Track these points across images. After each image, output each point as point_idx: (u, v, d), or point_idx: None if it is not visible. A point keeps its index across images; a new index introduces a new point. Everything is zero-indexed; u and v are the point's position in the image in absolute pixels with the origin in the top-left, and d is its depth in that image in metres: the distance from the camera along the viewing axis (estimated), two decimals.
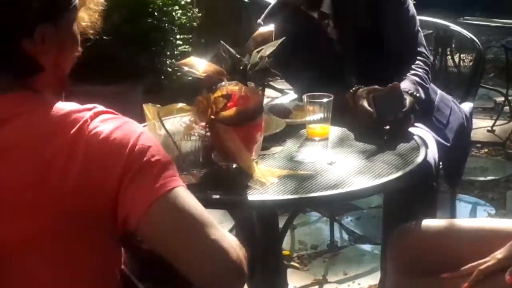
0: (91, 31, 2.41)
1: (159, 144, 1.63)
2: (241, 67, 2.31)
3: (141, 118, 4.90)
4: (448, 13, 6.25)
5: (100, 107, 1.62)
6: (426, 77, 2.97)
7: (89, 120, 1.54)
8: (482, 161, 5.16)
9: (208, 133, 2.31)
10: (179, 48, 4.88)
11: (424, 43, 3.11)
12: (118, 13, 4.61)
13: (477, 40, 3.64)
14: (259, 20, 3.12)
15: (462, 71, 6.28)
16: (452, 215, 3.63)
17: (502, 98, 6.00)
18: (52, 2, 1.60)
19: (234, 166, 2.30)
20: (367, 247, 3.98)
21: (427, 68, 3.01)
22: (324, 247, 3.94)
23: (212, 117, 2.26)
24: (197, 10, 5.11)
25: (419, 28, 3.11)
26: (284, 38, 2.39)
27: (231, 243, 1.51)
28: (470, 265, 2.26)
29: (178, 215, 1.51)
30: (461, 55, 6.45)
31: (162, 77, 4.69)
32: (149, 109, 2.35)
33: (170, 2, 4.87)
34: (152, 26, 4.72)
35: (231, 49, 2.31)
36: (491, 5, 7.91)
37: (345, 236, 4.12)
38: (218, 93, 2.29)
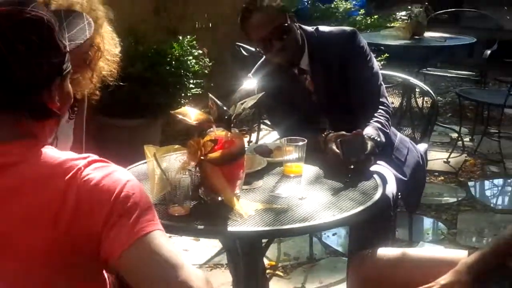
0: (110, 79, 2.32)
1: (143, 190, 1.50)
2: (226, 117, 2.19)
3: (160, 144, 4.81)
4: (415, 64, 6.16)
5: (94, 156, 1.50)
6: (387, 123, 2.84)
7: (82, 168, 1.43)
8: (438, 187, 5.00)
9: (198, 171, 2.19)
10: (192, 90, 4.80)
11: (386, 94, 2.99)
12: (142, 62, 4.54)
13: (432, 92, 3.50)
14: (250, 74, 3.00)
15: (424, 112, 6.23)
16: (410, 234, 3.50)
17: (456, 135, 5.83)
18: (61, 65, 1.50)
19: (219, 199, 2.17)
20: (340, 259, 3.79)
21: (387, 116, 2.88)
22: (304, 258, 3.78)
23: (202, 158, 2.16)
24: (208, 60, 5.01)
25: (382, 82, 2.99)
26: (263, 92, 2.30)
27: (199, 284, 1.36)
28: None
29: (151, 257, 1.38)
30: (425, 98, 6.34)
31: None
32: (149, 150, 2.21)
33: (185, 53, 4.79)
34: (170, 73, 4.66)
35: (218, 101, 2.20)
36: (449, 57, 7.82)
37: (323, 249, 3.94)
38: (207, 138, 2.19)
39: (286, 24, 2.82)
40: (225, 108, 2.20)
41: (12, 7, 1.44)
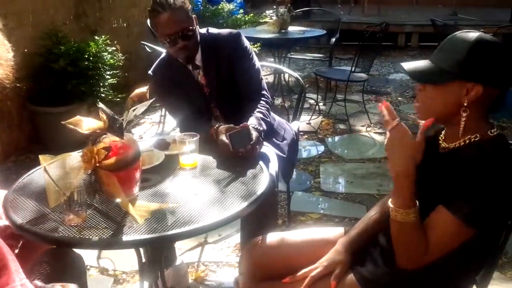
0: (7, 81, 1.71)
1: None
2: (118, 125, 1.53)
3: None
4: (283, 50, 5.62)
5: None
6: (267, 112, 2.27)
7: None
8: (304, 144, 4.52)
9: (94, 179, 1.54)
10: (109, 80, 4.03)
11: (266, 87, 2.39)
12: (64, 58, 3.73)
13: (301, 80, 2.91)
14: (150, 71, 2.33)
15: (289, 86, 5.76)
16: (288, 187, 3.01)
17: (314, 102, 5.36)
18: None
19: (117, 201, 1.53)
20: None
21: (267, 106, 2.31)
22: None
23: (97, 165, 1.50)
24: (121, 54, 4.24)
25: (263, 77, 2.39)
26: (154, 98, 1.65)
27: None
28: (303, 271, 1.59)
29: None
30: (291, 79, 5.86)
31: (98, 100, 3.82)
32: (44, 159, 1.53)
33: (101, 50, 4.00)
34: (89, 67, 3.85)
35: (108, 110, 1.53)
36: (305, 45, 7.40)
37: None
38: (100, 145, 1.52)
39: (192, 27, 2.17)
40: (115, 116, 1.54)
41: None
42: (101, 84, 3.91)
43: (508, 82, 1.38)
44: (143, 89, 1.67)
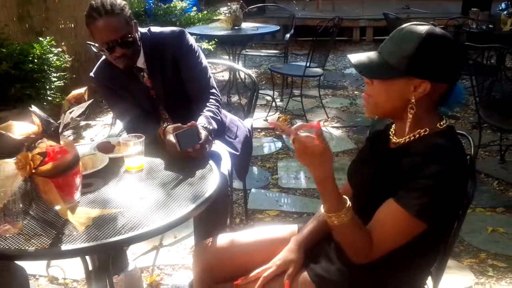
0: None
1: None
2: (53, 129, 1.45)
3: None
4: (237, 47, 5.52)
5: None
6: (217, 110, 2.21)
7: None
8: (261, 141, 4.50)
9: (30, 186, 1.46)
10: (55, 83, 3.88)
11: (215, 85, 2.32)
12: (6, 61, 3.57)
13: (254, 77, 2.85)
14: (91, 73, 2.24)
15: (245, 83, 5.72)
16: (244, 185, 2.90)
17: (270, 98, 5.35)
18: None
19: (56, 208, 1.45)
20: None
21: (217, 104, 2.24)
22: None
23: (33, 171, 1.41)
24: (67, 56, 4.09)
25: (211, 75, 2.32)
26: (92, 100, 1.56)
27: None
28: (256, 271, 1.55)
29: None
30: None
31: (44, 103, 3.68)
32: None
33: (46, 51, 3.84)
34: (34, 69, 3.69)
35: (41, 114, 1.45)
36: (260, 41, 7.37)
37: None
38: (36, 151, 1.44)
39: (131, 34, 2.06)
40: (50, 120, 1.46)
41: None
42: (48, 87, 3.76)
43: (455, 77, 1.37)
44: (80, 90, 1.59)
